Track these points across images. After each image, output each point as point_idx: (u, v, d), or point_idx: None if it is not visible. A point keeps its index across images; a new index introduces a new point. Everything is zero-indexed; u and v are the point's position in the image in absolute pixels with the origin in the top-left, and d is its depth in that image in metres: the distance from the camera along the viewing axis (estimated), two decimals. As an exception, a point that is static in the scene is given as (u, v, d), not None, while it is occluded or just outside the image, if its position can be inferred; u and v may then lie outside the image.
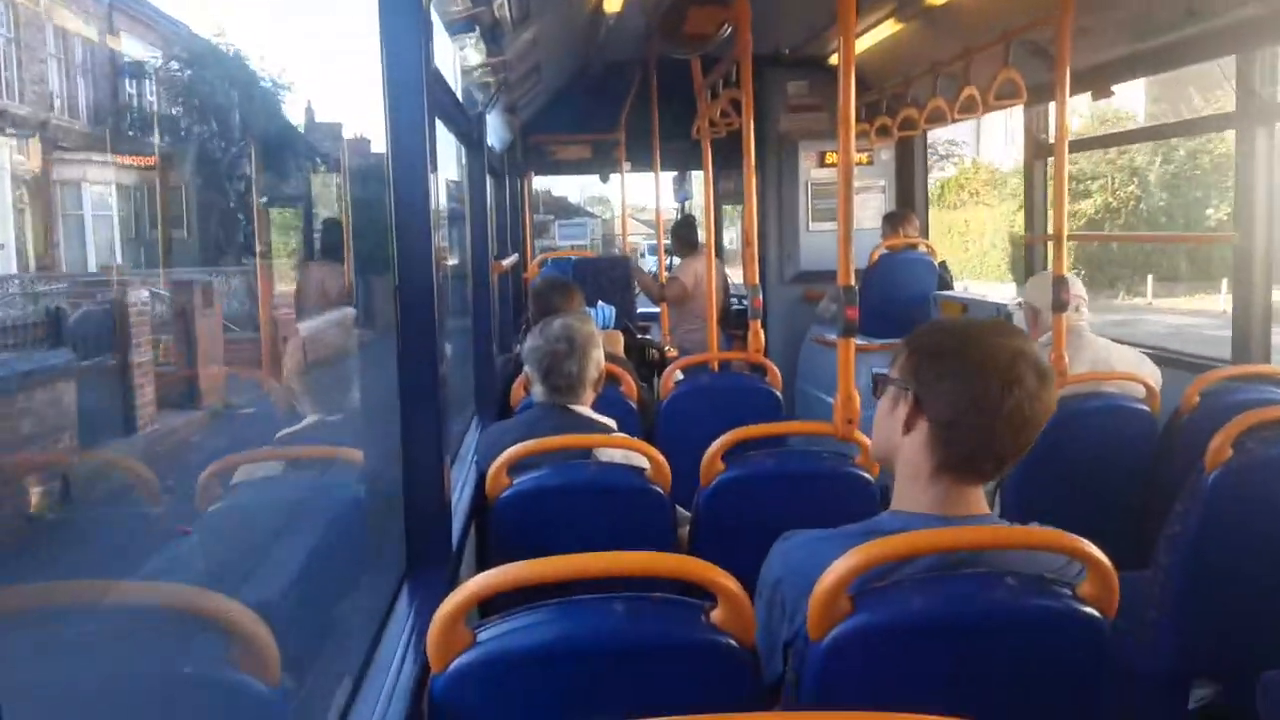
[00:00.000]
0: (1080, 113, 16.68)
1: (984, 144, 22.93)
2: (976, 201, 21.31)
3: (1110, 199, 17.82)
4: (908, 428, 1.35)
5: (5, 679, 0.95)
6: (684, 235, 5.77)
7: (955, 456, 1.33)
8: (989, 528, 1.35)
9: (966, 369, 1.31)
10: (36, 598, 1.05)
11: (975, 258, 19.88)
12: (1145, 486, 2.61)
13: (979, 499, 1.35)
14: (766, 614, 1.36)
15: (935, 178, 20.50)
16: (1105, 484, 2.61)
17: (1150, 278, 18.01)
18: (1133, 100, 18.22)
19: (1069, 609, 1.25)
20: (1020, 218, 15.59)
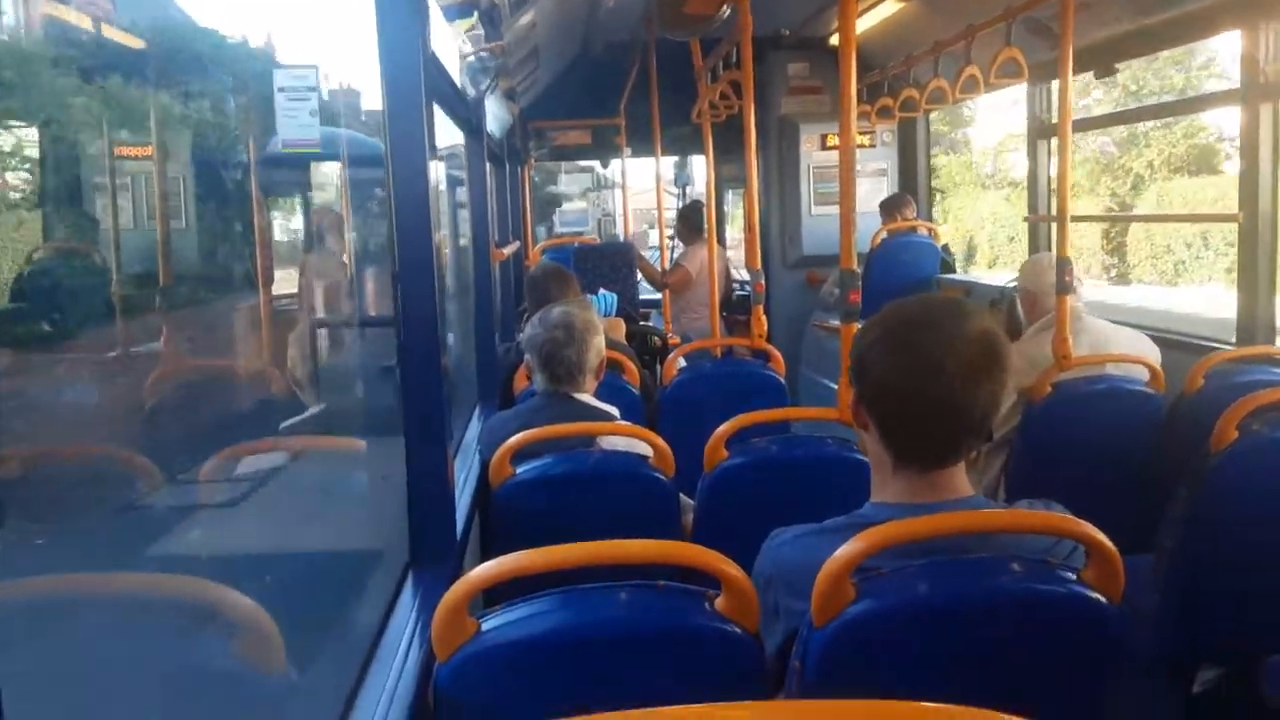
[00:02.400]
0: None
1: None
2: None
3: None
4: (861, 423, 1.35)
5: (6, 670, 0.95)
6: (691, 220, 5.72)
7: (904, 448, 1.32)
8: (999, 512, 1.35)
9: (893, 359, 1.29)
10: (39, 589, 1.05)
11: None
12: (1149, 469, 2.61)
13: (956, 481, 1.34)
14: (760, 613, 1.35)
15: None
16: (1109, 467, 2.60)
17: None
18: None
19: (1074, 594, 1.25)
20: None
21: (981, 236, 18.32)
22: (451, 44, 2.83)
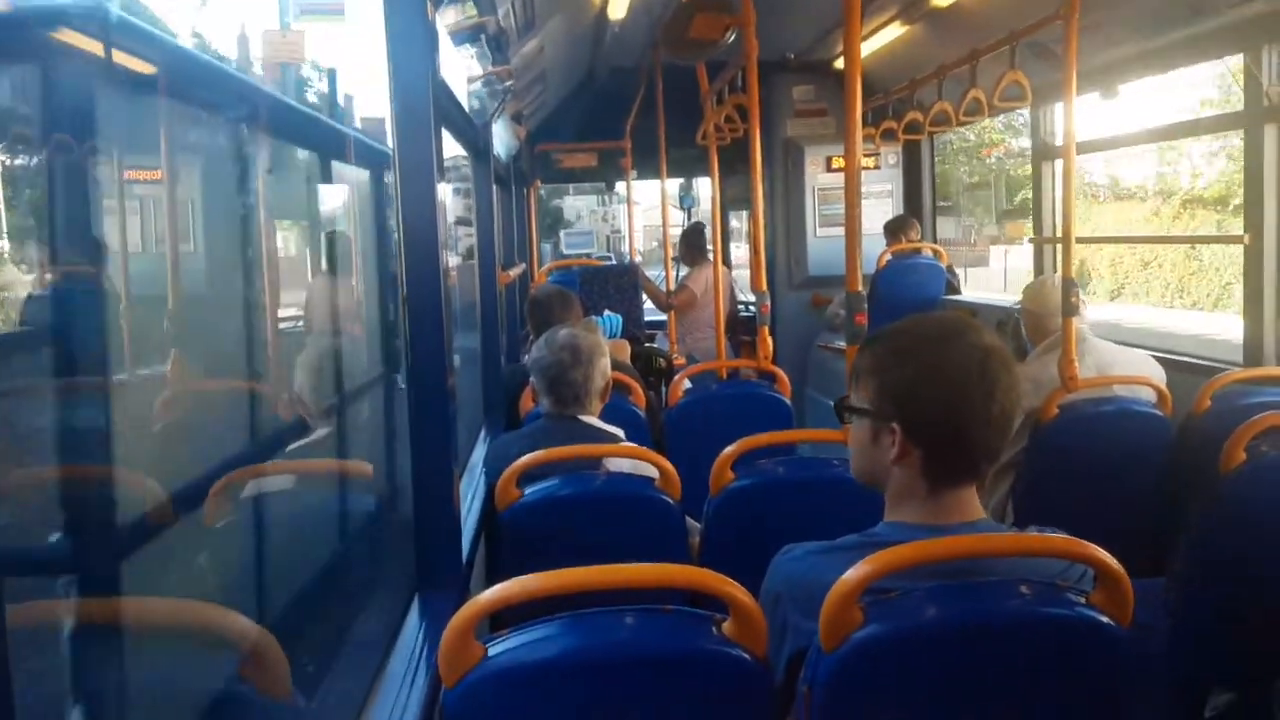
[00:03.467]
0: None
1: None
2: None
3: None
4: (899, 458, 1.32)
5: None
6: (694, 242, 5.76)
7: (952, 472, 1.32)
8: (1007, 536, 1.34)
9: (944, 392, 1.28)
10: (50, 613, 1.05)
11: None
12: (1157, 491, 2.60)
13: (971, 502, 1.34)
14: (769, 629, 1.35)
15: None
16: (1117, 488, 2.59)
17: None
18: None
19: (1083, 617, 1.24)
20: None
21: (1098, 260, 15.15)
22: (459, 68, 2.85)
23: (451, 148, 3.50)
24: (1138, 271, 14.48)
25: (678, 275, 5.81)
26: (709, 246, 5.71)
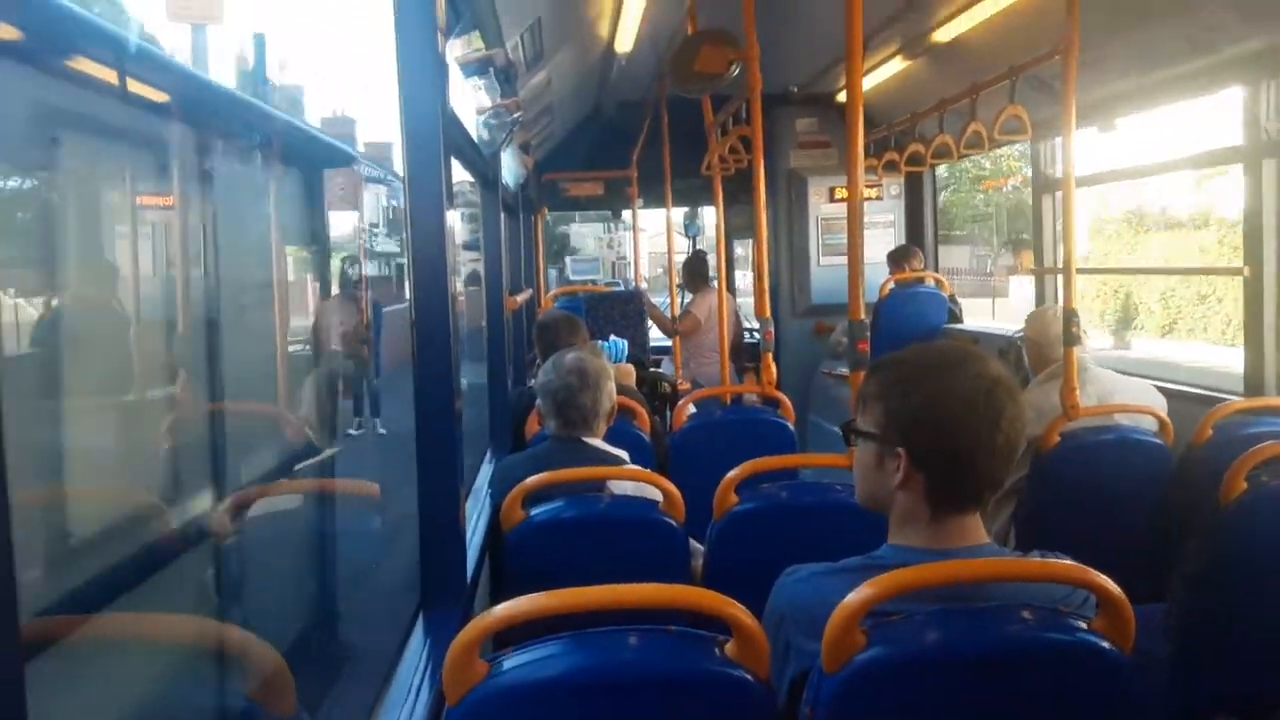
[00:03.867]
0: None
1: None
2: None
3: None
4: (903, 483, 1.33)
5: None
6: (696, 270, 5.81)
7: (955, 499, 1.33)
8: (1009, 560, 1.35)
9: (950, 421, 1.30)
10: (67, 629, 1.07)
11: None
12: (1158, 519, 2.60)
13: (976, 527, 1.35)
14: (771, 650, 1.35)
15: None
16: (1118, 516, 2.60)
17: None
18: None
19: (1085, 643, 1.25)
20: None
21: (1147, 293, 13.85)
22: (469, 99, 2.91)
23: (457, 172, 3.54)
24: (1193, 305, 13.29)
25: (683, 302, 5.85)
26: (712, 274, 5.75)
